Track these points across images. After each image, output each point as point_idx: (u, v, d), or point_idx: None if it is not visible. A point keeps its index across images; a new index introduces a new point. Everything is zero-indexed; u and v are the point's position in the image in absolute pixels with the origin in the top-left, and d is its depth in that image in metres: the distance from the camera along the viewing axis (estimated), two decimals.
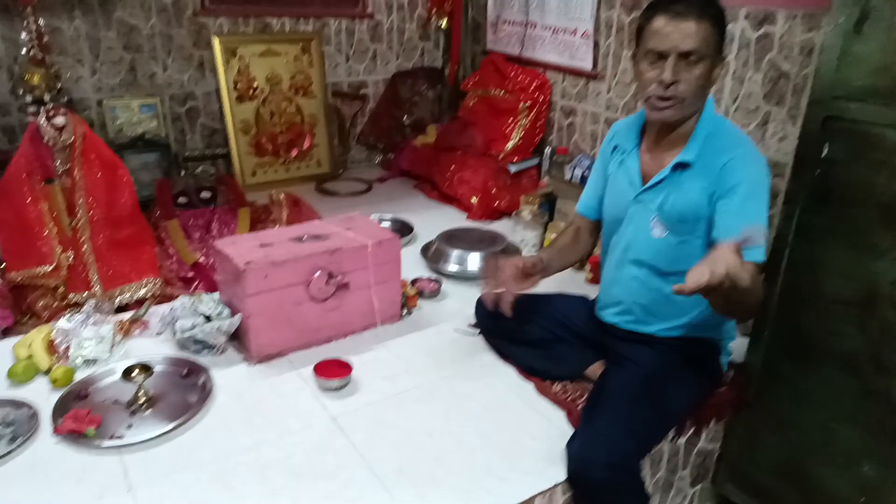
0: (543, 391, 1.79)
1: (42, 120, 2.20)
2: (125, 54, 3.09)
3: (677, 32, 1.40)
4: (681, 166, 1.52)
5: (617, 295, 1.71)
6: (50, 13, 2.80)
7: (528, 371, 1.87)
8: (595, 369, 1.79)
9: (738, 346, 1.83)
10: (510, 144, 3.37)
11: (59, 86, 2.32)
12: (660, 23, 1.42)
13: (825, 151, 1.51)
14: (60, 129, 2.21)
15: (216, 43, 3.26)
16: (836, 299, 1.55)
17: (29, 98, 2.25)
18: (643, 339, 1.66)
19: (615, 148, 1.72)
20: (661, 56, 1.43)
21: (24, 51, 2.36)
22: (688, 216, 1.51)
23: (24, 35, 2.32)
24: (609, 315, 1.75)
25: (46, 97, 2.25)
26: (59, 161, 2.23)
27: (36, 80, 2.26)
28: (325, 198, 3.43)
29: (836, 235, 1.53)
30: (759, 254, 1.36)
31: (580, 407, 1.68)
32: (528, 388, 1.83)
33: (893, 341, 1.47)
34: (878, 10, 1.38)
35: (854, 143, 1.46)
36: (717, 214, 1.46)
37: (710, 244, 1.48)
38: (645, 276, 1.62)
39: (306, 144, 3.63)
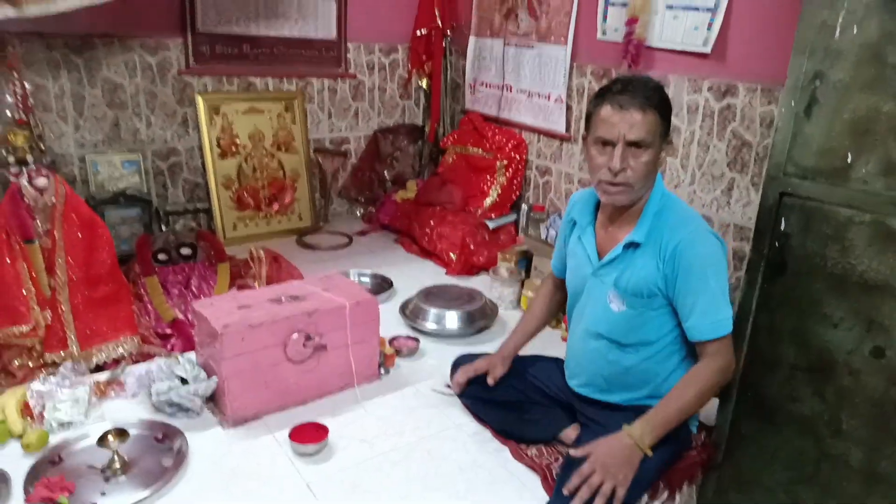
0: (518, 455, 1.81)
1: (24, 181, 2.22)
2: (109, 111, 3.15)
3: (623, 123, 1.49)
4: (632, 245, 1.60)
5: (580, 366, 1.77)
6: (35, 71, 2.86)
7: (503, 434, 1.89)
8: (569, 433, 1.83)
9: (707, 408, 1.87)
10: (488, 201, 3.46)
11: (42, 147, 2.36)
12: (606, 112, 1.52)
13: (782, 225, 1.59)
14: (42, 191, 2.23)
15: (200, 101, 3.34)
16: (796, 366, 1.62)
17: (11, 158, 2.27)
18: (611, 406, 1.72)
19: (573, 223, 1.80)
20: (609, 144, 1.52)
21: (7, 112, 2.40)
22: (642, 291, 1.59)
23: (8, 97, 2.36)
24: (575, 385, 1.81)
25: (29, 158, 2.29)
26: (39, 221, 2.25)
27: (19, 141, 2.30)
28: (305, 251, 3.47)
29: (792, 305, 1.60)
30: (717, 329, 1.52)
31: (555, 472, 1.70)
32: (503, 450, 1.85)
33: (850, 407, 1.53)
34: (824, 96, 1.49)
35: (807, 218, 1.55)
36: (677, 300, 1.56)
37: (672, 322, 1.63)
38: (605, 349, 1.69)
39: (288, 199, 3.69)
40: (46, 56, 2.92)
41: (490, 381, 1.88)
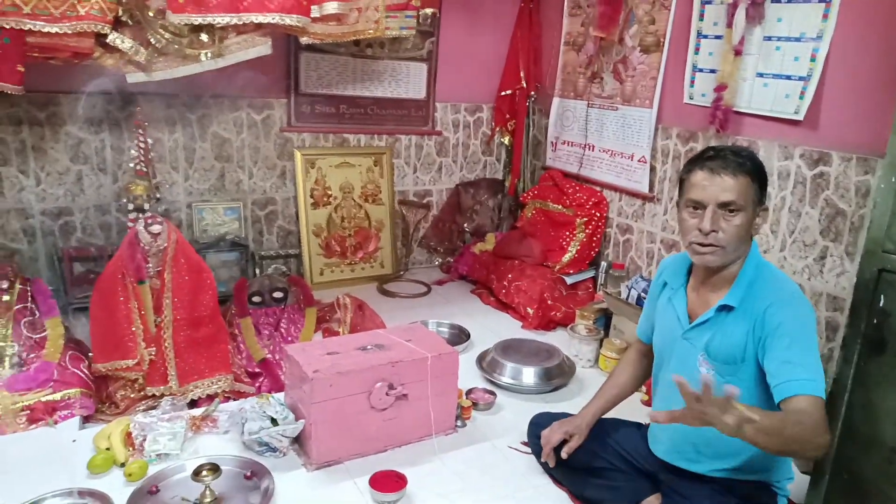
0: None
1: (141, 227, 2.44)
2: (216, 163, 3.42)
3: (714, 186, 1.51)
4: (725, 308, 1.58)
5: (666, 432, 1.73)
6: (153, 126, 3.16)
7: (580, 499, 1.88)
8: (651, 502, 1.79)
9: (797, 485, 1.80)
10: (567, 256, 3.48)
11: (158, 196, 2.60)
12: (698, 177, 1.55)
13: (881, 302, 1.54)
14: (156, 236, 2.44)
15: (298, 155, 3.57)
16: None
17: (130, 206, 2.51)
18: (698, 477, 1.67)
19: (664, 284, 1.80)
20: (701, 206, 1.54)
21: (131, 164, 2.66)
22: (734, 356, 1.56)
23: (133, 151, 2.63)
24: (660, 451, 1.77)
25: (146, 206, 2.51)
26: (151, 264, 2.45)
27: (139, 190, 2.54)
28: (386, 299, 3.58)
29: (892, 384, 1.54)
30: (811, 387, 1.40)
31: None
32: None
33: None
34: None
35: None
36: (765, 360, 1.50)
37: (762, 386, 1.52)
38: None
39: (372, 247, 3.84)
40: (165, 113, 3.22)
41: (564, 453, 1.85)
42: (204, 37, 2.52)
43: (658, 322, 1.80)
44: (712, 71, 2.74)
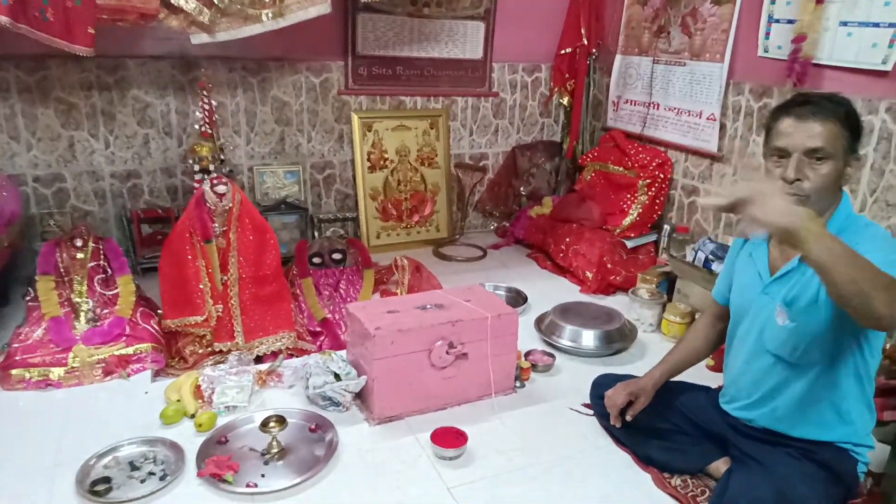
0: (661, 484, 1.76)
1: (207, 187, 2.49)
2: (276, 127, 3.45)
3: (801, 132, 1.42)
4: None
5: (744, 389, 1.67)
6: (216, 91, 3.20)
7: (645, 461, 1.85)
8: (719, 466, 1.75)
9: (876, 453, 1.72)
10: (627, 220, 3.38)
11: (222, 158, 2.63)
12: (785, 124, 1.46)
13: None
14: (222, 196, 2.49)
15: (355, 119, 3.57)
16: None
17: (196, 167, 2.56)
18: (772, 440, 1.61)
19: (745, 240, 1.72)
20: (786, 154, 1.45)
21: (196, 125, 2.71)
22: (812, 304, 1.47)
23: (197, 113, 2.67)
24: (736, 409, 1.71)
25: (211, 167, 2.56)
26: (217, 224, 2.51)
27: (204, 151, 2.58)
28: (442, 262, 3.58)
29: None
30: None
31: None
32: (644, 478, 1.81)
33: None
34: None
35: None
36: None
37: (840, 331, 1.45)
38: (771, 367, 1.58)
39: (427, 211, 3.83)
40: (227, 77, 3.26)
41: (629, 416, 1.82)
42: None
43: (737, 279, 1.72)
44: (790, 21, 2.58)
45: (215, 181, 2.50)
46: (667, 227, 3.24)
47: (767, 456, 1.57)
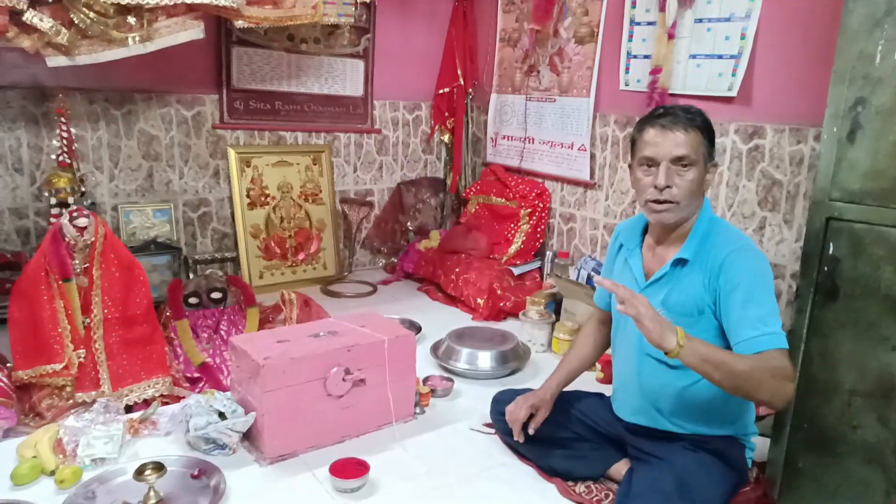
0: (566, 493, 1.76)
1: (65, 220, 2.26)
2: (144, 162, 3.23)
3: (667, 142, 1.54)
4: (680, 262, 1.59)
5: (630, 392, 1.73)
6: (75, 124, 2.95)
7: (548, 471, 1.84)
8: (619, 468, 1.77)
9: (759, 443, 1.82)
10: (513, 248, 3.48)
11: (83, 190, 2.41)
12: (650, 134, 1.57)
13: (830, 250, 1.59)
14: (83, 230, 2.26)
15: (232, 154, 3.42)
16: (855, 391, 1.58)
17: (53, 199, 2.32)
18: (665, 436, 1.66)
19: (620, 247, 1.81)
20: (654, 163, 1.55)
21: (53, 155, 2.47)
22: (690, 309, 1.56)
23: (54, 141, 2.44)
24: (627, 414, 1.75)
25: (71, 200, 2.33)
26: (78, 260, 2.27)
27: (62, 183, 2.36)
28: (331, 298, 3.47)
29: (847, 329, 1.59)
30: (774, 341, 1.40)
31: None
32: (550, 488, 1.80)
33: None
34: (868, 121, 1.53)
35: (856, 242, 1.56)
36: (723, 314, 1.51)
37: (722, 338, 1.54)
38: (654, 369, 1.65)
39: (314, 248, 3.72)
40: (87, 109, 3.02)
41: (531, 429, 1.81)
42: (132, 19, 2.37)
43: None
44: (646, 56, 2.83)
45: (75, 213, 2.27)
46: (549, 254, 3.36)
47: (664, 451, 1.62)
